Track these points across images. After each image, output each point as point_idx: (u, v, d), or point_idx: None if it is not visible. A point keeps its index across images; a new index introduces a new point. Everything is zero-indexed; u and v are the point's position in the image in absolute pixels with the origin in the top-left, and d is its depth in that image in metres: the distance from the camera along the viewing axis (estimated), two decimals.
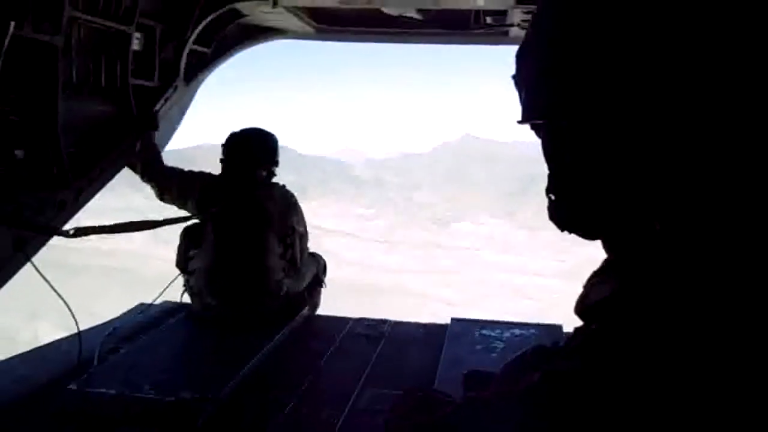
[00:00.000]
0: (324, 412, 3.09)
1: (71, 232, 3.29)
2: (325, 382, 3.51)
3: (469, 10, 5.07)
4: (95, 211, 4.43)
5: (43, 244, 3.32)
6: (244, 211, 4.29)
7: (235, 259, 4.22)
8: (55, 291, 3.20)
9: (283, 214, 4.40)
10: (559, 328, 4.02)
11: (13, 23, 2.82)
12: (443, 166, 74.88)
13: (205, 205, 4.36)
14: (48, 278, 3.15)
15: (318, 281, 5.02)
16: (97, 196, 3.89)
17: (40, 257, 3.27)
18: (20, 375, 3.37)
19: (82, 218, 3.68)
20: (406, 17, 5.21)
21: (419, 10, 5.13)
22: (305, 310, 4.57)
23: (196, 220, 4.39)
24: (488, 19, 5.03)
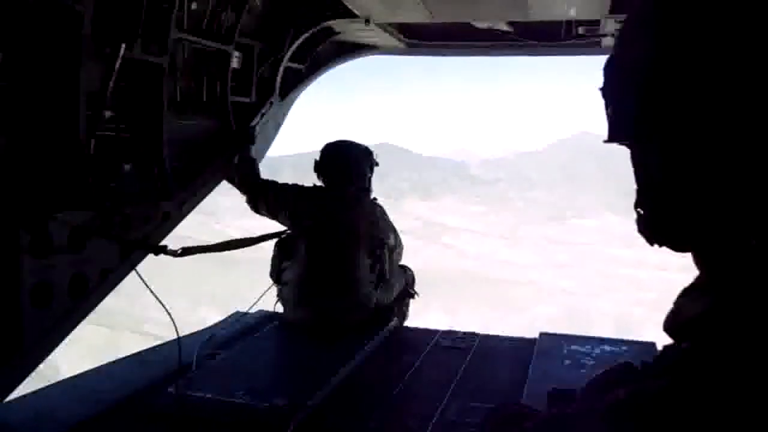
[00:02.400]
0: (411, 422, 3.10)
1: (179, 251, 3.46)
2: (413, 394, 3.51)
3: (561, 21, 5.00)
4: None
5: (147, 253, 3.50)
6: (335, 226, 4.37)
7: (326, 272, 4.29)
8: (156, 297, 3.34)
9: (372, 229, 4.45)
10: (652, 345, 3.85)
11: (123, 45, 3.01)
12: (559, 164, 74.28)
13: (298, 218, 4.46)
14: (208, 270, 3.34)
15: (407, 293, 5.03)
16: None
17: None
18: (123, 377, 3.55)
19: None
20: (496, 30, 5.18)
21: (509, 23, 5.11)
22: (394, 321, 4.60)
23: (289, 233, 4.51)
24: (580, 30, 4.94)
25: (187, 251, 3.53)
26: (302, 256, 4.36)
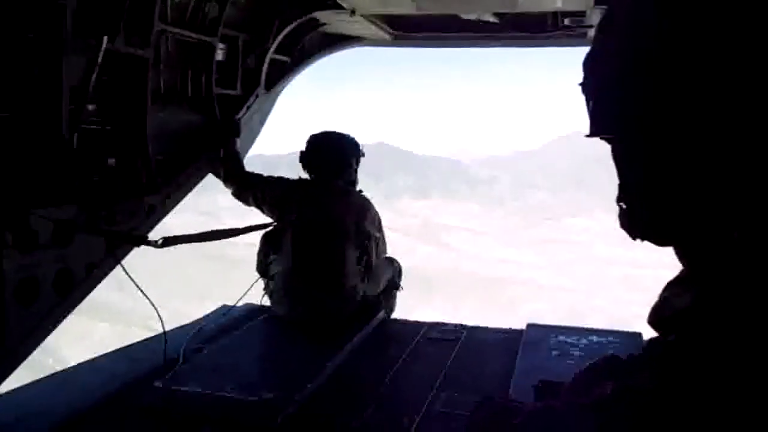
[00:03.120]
0: (399, 414, 3.11)
1: (159, 241, 3.41)
2: (401, 385, 3.52)
3: (547, 13, 5.00)
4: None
5: (132, 248, 3.48)
6: (321, 219, 4.35)
7: (312, 265, 4.29)
8: (142, 291, 3.34)
9: (359, 221, 4.42)
10: (638, 336, 3.88)
11: (106, 38, 2.98)
12: (555, 163, 75.20)
13: (283, 211, 4.45)
14: (214, 269, 3.32)
15: (394, 285, 5.03)
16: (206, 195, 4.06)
17: (206, 252, 3.46)
18: (110, 372, 3.53)
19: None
20: (482, 21, 5.18)
21: (496, 14, 5.10)
22: (381, 314, 4.60)
23: (275, 226, 4.50)
24: (566, 21, 4.95)
25: (168, 241, 3.48)
26: (288, 249, 4.35)
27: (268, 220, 4.54)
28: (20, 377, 2.96)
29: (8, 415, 2.95)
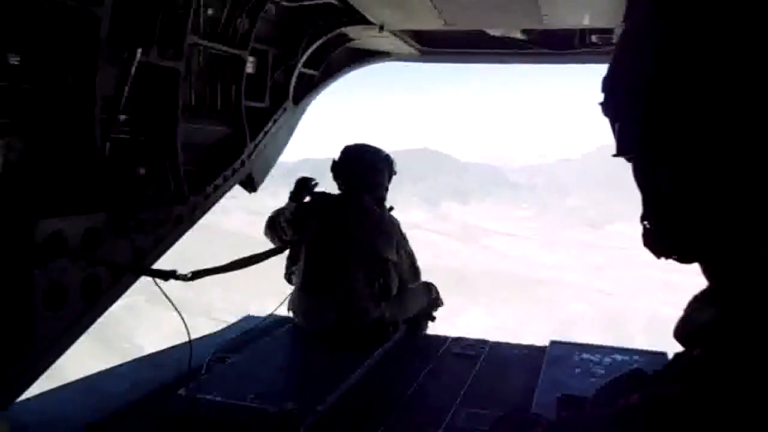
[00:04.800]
0: (420, 428, 3.10)
1: (189, 275, 3.37)
2: (422, 400, 3.51)
3: (574, 30, 4.99)
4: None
5: (159, 256, 3.51)
6: (334, 238, 4.31)
7: (321, 282, 4.27)
8: (171, 302, 3.35)
9: (372, 243, 4.31)
10: (663, 355, 3.83)
11: (140, 50, 3.04)
12: (595, 171, 75.32)
13: (299, 228, 4.43)
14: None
15: (427, 315, 4.84)
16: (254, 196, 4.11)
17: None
18: (135, 379, 3.57)
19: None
20: (509, 38, 5.19)
21: (523, 31, 5.11)
22: (396, 337, 4.41)
23: (294, 246, 4.49)
24: (594, 38, 4.94)
25: (196, 275, 3.46)
26: (302, 263, 4.36)
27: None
28: (101, 357, 3.04)
29: (33, 421, 3.00)
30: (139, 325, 30.30)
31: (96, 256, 2.95)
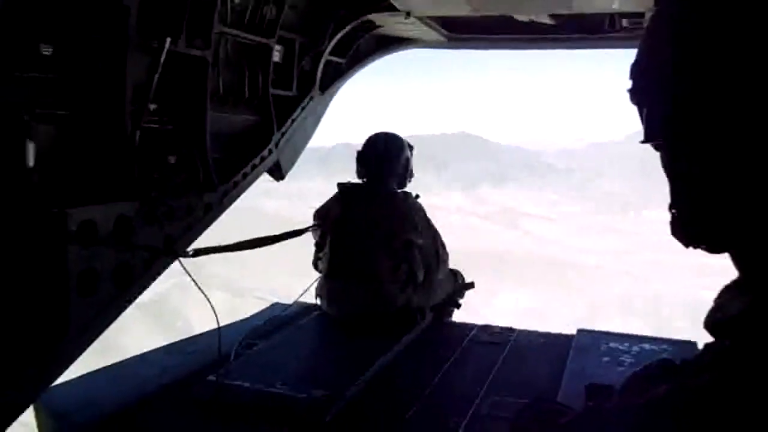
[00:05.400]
0: (446, 416, 3.10)
1: (190, 252, 3.40)
2: (449, 387, 3.51)
3: (604, 14, 4.92)
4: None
5: (189, 243, 3.55)
6: (359, 223, 4.34)
7: (346, 268, 4.30)
8: (200, 289, 3.39)
9: (395, 227, 4.32)
10: (693, 344, 3.77)
11: (169, 39, 3.07)
12: (632, 156, 75.20)
13: (324, 214, 4.51)
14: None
15: (453, 302, 4.86)
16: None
17: None
18: (165, 365, 3.62)
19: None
20: (537, 23, 5.12)
21: (551, 15, 5.04)
22: (423, 324, 4.43)
23: (310, 231, 4.54)
24: (624, 23, 4.86)
25: (198, 252, 3.48)
26: (327, 250, 4.40)
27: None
28: (153, 334, 3.13)
29: (63, 406, 3.05)
30: (190, 304, 31.10)
31: (127, 242, 3.00)
